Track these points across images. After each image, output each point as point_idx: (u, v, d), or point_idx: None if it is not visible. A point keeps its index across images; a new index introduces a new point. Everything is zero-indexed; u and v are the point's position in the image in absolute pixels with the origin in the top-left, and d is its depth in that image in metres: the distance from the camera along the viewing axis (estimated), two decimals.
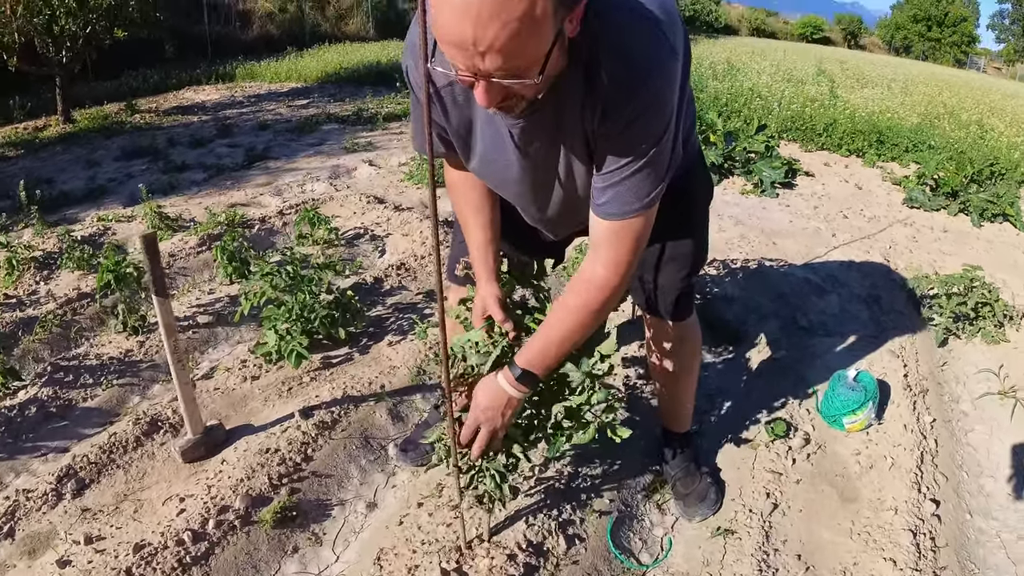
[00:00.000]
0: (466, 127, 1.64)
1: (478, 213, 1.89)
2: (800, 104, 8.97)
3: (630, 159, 1.47)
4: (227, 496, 2.49)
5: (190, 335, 3.68)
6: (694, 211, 2.10)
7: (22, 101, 12.44)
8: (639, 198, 1.51)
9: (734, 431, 2.82)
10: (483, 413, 1.77)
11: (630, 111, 1.40)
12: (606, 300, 1.63)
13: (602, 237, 1.58)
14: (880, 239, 5.04)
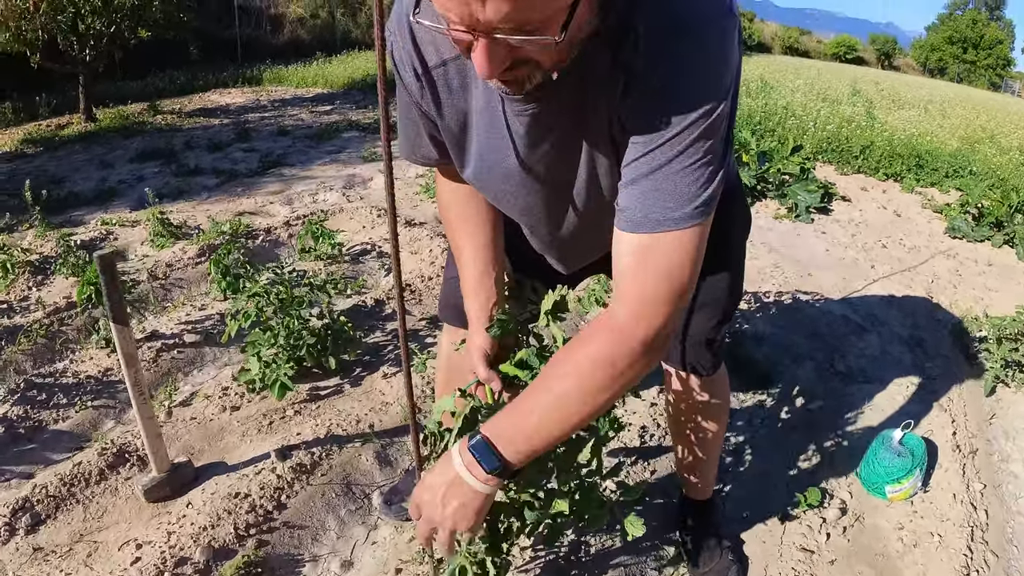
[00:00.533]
0: (460, 121, 1.28)
1: (473, 237, 1.51)
2: (836, 125, 8.63)
3: (666, 140, 1.04)
4: (187, 546, 2.23)
5: (175, 354, 3.44)
6: (730, 246, 1.68)
7: (48, 98, 12.44)
8: (680, 202, 1.05)
9: (761, 495, 2.50)
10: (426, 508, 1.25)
11: (667, 69, 1.02)
12: (627, 361, 1.12)
13: (625, 263, 1.12)
14: (921, 272, 4.71)
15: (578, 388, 1.14)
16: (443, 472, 1.22)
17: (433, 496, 1.22)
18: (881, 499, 2.45)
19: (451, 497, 1.20)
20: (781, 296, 4.07)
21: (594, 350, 1.14)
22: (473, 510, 1.20)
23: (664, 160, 1.05)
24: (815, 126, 8.47)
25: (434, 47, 1.19)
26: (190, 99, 13.28)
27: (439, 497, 1.21)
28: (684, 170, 1.05)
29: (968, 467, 2.62)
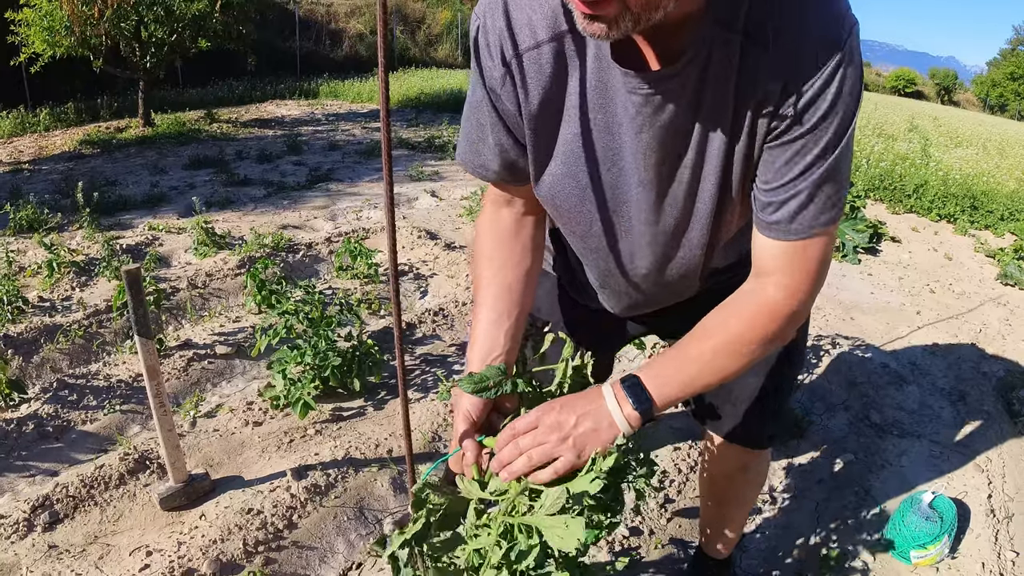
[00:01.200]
0: (551, 108, 1.18)
1: (496, 276, 1.36)
2: (890, 162, 8.45)
3: (819, 160, 1.06)
4: (196, 558, 2.24)
5: (205, 365, 3.48)
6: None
7: (109, 101, 12.79)
8: (827, 208, 1.10)
9: (780, 551, 2.41)
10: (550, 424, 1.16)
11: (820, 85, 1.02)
12: (777, 329, 1.18)
13: (774, 261, 1.16)
14: (970, 320, 4.55)
15: (732, 347, 1.18)
16: (586, 398, 1.19)
17: (568, 414, 1.16)
18: (905, 564, 2.34)
19: (587, 418, 1.16)
20: (820, 340, 3.97)
21: (748, 316, 1.18)
22: (602, 439, 1.16)
23: (818, 178, 1.08)
24: (868, 163, 8.30)
25: (530, 28, 1.12)
26: (247, 109, 13.55)
27: (576, 415, 1.16)
28: (834, 182, 1.09)
29: (1002, 533, 2.50)
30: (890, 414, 3.24)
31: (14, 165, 8.59)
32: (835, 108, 1.03)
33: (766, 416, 1.66)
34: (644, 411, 1.16)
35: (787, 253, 1.14)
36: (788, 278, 1.16)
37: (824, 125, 1.04)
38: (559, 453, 1.15)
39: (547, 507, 1.14)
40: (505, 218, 1.39)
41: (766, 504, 2.64)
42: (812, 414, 3.19)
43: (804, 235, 1.12)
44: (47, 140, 10.40)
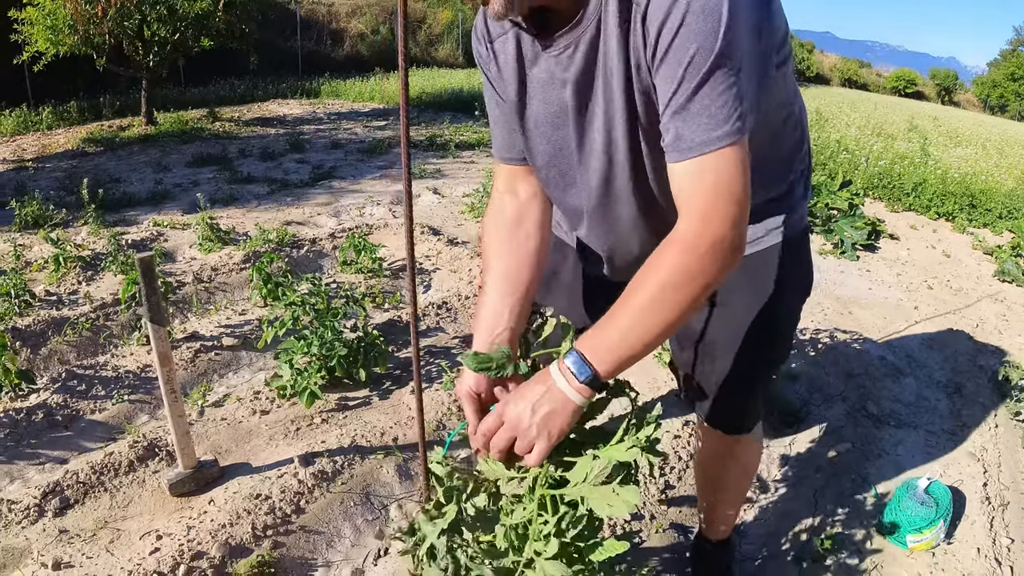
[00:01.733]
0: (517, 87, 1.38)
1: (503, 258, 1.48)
2: (889, 161, 8.50)
3: (689, 71, 1.12)
4: (205, 541, 2.28)
5: (212, 356, 3.52)
6: (775, 308, 1.60)
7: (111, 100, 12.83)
8: (716, 122, 1.12)
9: (779, 535, 2.46)
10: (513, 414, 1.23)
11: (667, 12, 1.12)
12: (698, 265, 1.16)
13: (683, 188, 1.18)
14: (967, 315, 4.60)
15: (657, 297, 1.17)
16: (539, 381, 1.24)
17: (525, 404, 1.22)
18: (902, 548, 2.39)
19: (543, 403, 1.21)
20: (819, 334, 4.02)
21: (668, 261, 1.18)
22: (563, 417, 1.21)
23: (693, 88, 1.12)
24: (867, 162, 8.35)
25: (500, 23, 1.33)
26: (249, 108, 13.59)
27: (531, 404, 1.22)
28: (712, 95, 1.12)
29: (997, 520, 2.55)
30: (887, 405, 3.29)
31: (18, 163, 8.65)
32: (686, 23, 1.11)
33: (742, 404, 1.72)
34: (589, 381, 1.20)
35: (687, 175, 1.17)
36: (696, 202, 1.17)
37: (680, 42, 1.12)
38: (532, 442, 1.22)
39: (593, 477, 1.19)
40: (509, 205, 1.51)
41: (765, 491, 2.69)
42: (810, 404, 3.23)
43: (696, 152, 1.15)
44: (50, 138, 10.45)
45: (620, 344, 1.19)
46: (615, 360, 1.20)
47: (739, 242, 1.18)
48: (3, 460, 2.78)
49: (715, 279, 1.18)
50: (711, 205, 1.15)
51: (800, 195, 1.59)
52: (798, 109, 1.49)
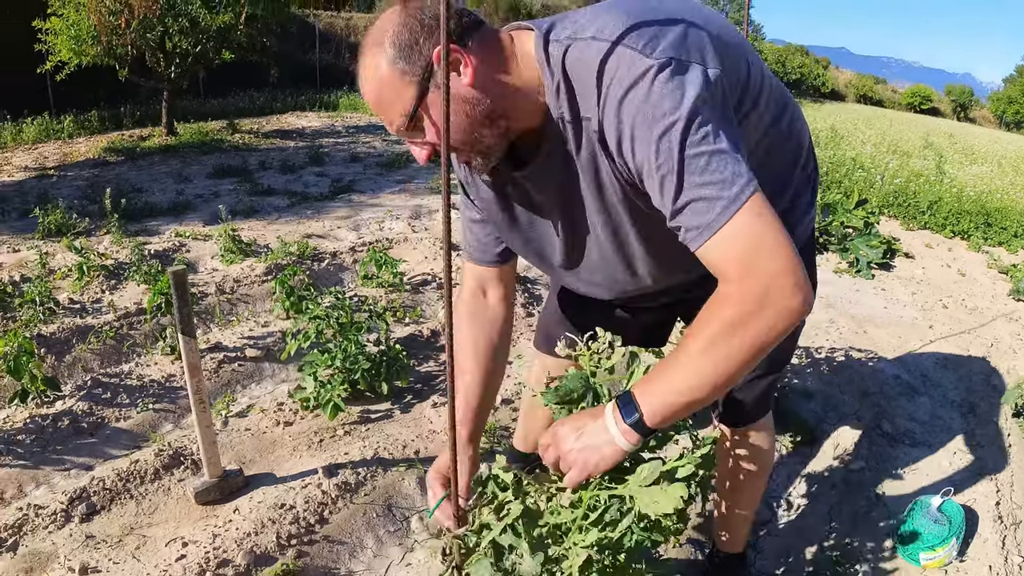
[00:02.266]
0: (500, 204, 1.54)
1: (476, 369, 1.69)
2: (904, 179, 8.51)
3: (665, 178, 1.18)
4: (230, 549, 2.33)
5: (236, 367, 3.58)
6: None
7: (132, 109, 12.97)
8: (713, 200, 1.16)
9: (793, 551, 2.49)
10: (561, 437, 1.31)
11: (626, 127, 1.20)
12: (746, 317, 1.16)
13: (714, 265, 1.20)
14: (981, 335, 4.61)
15: (705, 350, 1.19)
16: (593, 415, 1.30)
17: (573, 429, 1.30)
18: (915, 566, 2.42)
19: (588, 435, 1.27)
20: (834, 352, 4.04)
21: (716, 314, 1.19)
22: (602, 455, 1.25)
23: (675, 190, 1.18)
24: (883, 179, 8.36)
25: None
26: (268, 120, 13.72)
27: (577, 431, 1.29)
28: (698, 180, 1.16)
29: (1009, 539, 2.57)
30: (901, 424, 3.31)
31: (40, 171, 8.77)
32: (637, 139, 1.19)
33: (747, 398, 1.86)
34: (635, 425, 1.22)
35: (710, 257, 1.19)
36: (732, 268, 1.18)
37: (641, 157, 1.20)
38: (569, 465, 1.30)
39: (642, 478, 1.23)
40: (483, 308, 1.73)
41: (781, 508, 2.72)
42: (825, 423, 3.27)
43: (709, 233, 1.17)
44: (71, 147, 10.59)
45: (674, 390, 1.21)
46: (663, 407, 1.22)
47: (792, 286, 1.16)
48: (30, 465, 2.85)
49: (774, 330, 1.18)
50: (748, 264, 1.16)
51: (804, 206, 1.64)
52: (788, 121, 1.52)
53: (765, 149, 1.46)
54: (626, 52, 1.20)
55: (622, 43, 1.21)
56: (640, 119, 1.18)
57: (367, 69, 1.29)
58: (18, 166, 9.13)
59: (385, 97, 1.28)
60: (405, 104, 1.27)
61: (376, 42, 1.27)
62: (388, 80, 1.26)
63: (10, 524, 2.47)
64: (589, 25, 1.27)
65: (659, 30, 1.22)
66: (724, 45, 1.30)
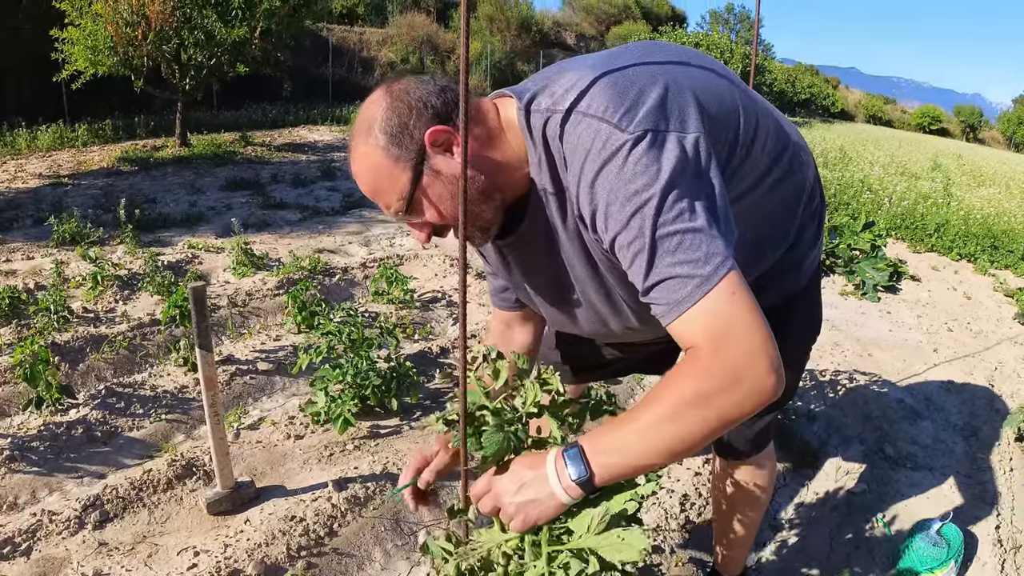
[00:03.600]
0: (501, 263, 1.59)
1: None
2: (912, 201, 8.55)
3: (636, 256, 1.19)
4: (241, 559, 2.38)
5: (247, 380, 3.64)
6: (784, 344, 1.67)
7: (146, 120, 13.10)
8: (690, 277, 1.15)
9: (794, 572, 2.52)
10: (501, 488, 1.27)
11: (600, 202, 1.21)
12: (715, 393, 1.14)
13: (686, 341, 1.19)
14: (986, 359, 4.63)
15: (667, 416, 1.16)
16: (533, 465, 1.25)
17: (513, 481, 1.25)
18: None
19: (528, 488, 1.23)
20: (838, 375, 4.08)
21: (683, 383, 1.17)
22: (543, 510, 1.22)
23: (646, 268, 1.18)
24: (890, 202, 8.40)
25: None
26: (280, 133, 13.84)
27: (518, 483, 1.24)
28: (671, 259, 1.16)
29: (1008, 563, 2.60)
30: (904, 447, 3.35)
31: (54, 179, 8.88)
32: (610, 216, 1.20)
33: (747, 435, 1.87)
34: (582, 482, 1.19)
35: (681, 333, 1.18)
36: (702, 348, 1.16)
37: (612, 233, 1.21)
38: (509, 517, 1.25)
39: (594, 526, 1.18)
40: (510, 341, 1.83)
41: (782, 529, 2.76)
42: (828, 445, 3.30)
43: (676, 313, 1.17)
44: (85, 155, 10.71)
45: (628, 451, 1.18)
46: (615, 468, 1.19)
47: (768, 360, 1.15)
48: (44, 472, 2.91)
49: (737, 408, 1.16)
50: (720, 340, 1.15)
51: (811, 239, 1.65)
52: (789, 159, 1.51)
53: (766, 188, 1.46)
54: (603, 127, 1.19)
55: (598, 117, 1.20)
56: (612, 196, 1.18)
57: (360, 159, 1.31)
58: (32, 173, 9.24)
59: (380, 184, 1.31)
60: (401, 189, 1.30)
61: (365, 130, 1.30)
62: (382, 167, 1.29)
63: (24, 529, 2.52)
64: (567, 94, 1.26)
65: (638, 97, 1.21)
66: (709, 100, 1.28)
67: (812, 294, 1.78)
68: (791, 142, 1.53)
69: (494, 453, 1.28)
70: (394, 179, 1.29)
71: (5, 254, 5.59)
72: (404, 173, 1.29)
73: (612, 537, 1.17)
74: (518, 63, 25.18)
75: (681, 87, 1.25)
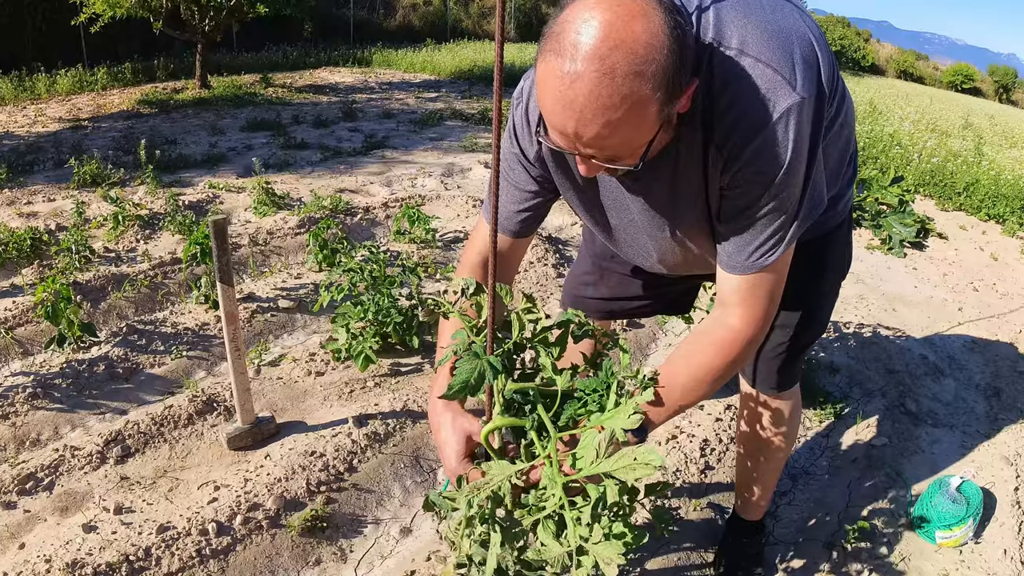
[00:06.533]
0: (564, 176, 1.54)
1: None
2: (942, 158, 8.37)
3: (752, 206, 1.32)
4: (261, 494, 2.41)
5: (268, 317, 3.65)
6: (819, 282, 1.83)
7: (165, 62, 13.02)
8: (768, 249, 1.36)
9: (810, 525, 2.52)
10: None
11: (745, 159, 1.26)
12: (739, 355, 1.42)
13: (732, 294, 1.42)
14: (1010, 320, 4.57)
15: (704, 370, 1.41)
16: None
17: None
18: (930, 544, 2.44)
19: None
20: (862, 329, 4.04)
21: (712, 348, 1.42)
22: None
23: (751, 221, 1.34)
24: (920, 158, 8.23)
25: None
26: (301, 75, 13.72)
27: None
28: (768, 227, 1.33)
29: None
30: (925, 404, 3.32)
31: (74, 122, 8.86)
32: (760, 171, 1.26)
33: (785, 367, 1.91)
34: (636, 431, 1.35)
35: (743, 287, 1.40)
36: (746, 309, 1.41)
37: (754, 183, 1.29)
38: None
39: (603, 451, 1.21)
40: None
41: (802, 479, 2.75)
42: (850, 398, 3.27)
43: (754, 270, 1.37)
44: (104, 99, 10.67)
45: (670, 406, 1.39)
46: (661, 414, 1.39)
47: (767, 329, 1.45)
48: (66, 409, 2.94)
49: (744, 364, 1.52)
50: (760, 311, 1.41)
51: (848, 180, 1.72)
52: (846, 112, 1.53)
53: (833, 134, 1.49)
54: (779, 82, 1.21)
55: (767, 64, 1.21)
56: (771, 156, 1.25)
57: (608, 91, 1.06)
58: (52, 117, 9.22)
59: (623, 133, 1.12)
60: (640, 144, 1.16)
61: (637, 71, 1.05)
62: (641, 118, 1.10)
63: (47, 464, 2.56)
64: (732, 32, 1.22)
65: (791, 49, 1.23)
66: (824, 50, 1.31)
67: (845, 233, 1.86)
68: (847, 92, 1.54)
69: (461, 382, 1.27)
70: (643, 132, 1.14)
71: (27, 196, 5.59)
72: (653, 128, 1.14)
73: (625, 458, 1.19)
74: (542, 6, 24.71)
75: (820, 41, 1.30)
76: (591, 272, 2.15)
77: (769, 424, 1.99)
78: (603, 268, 2.11)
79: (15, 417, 2.83)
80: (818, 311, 1.89)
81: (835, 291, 1.94)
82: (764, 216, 1.32)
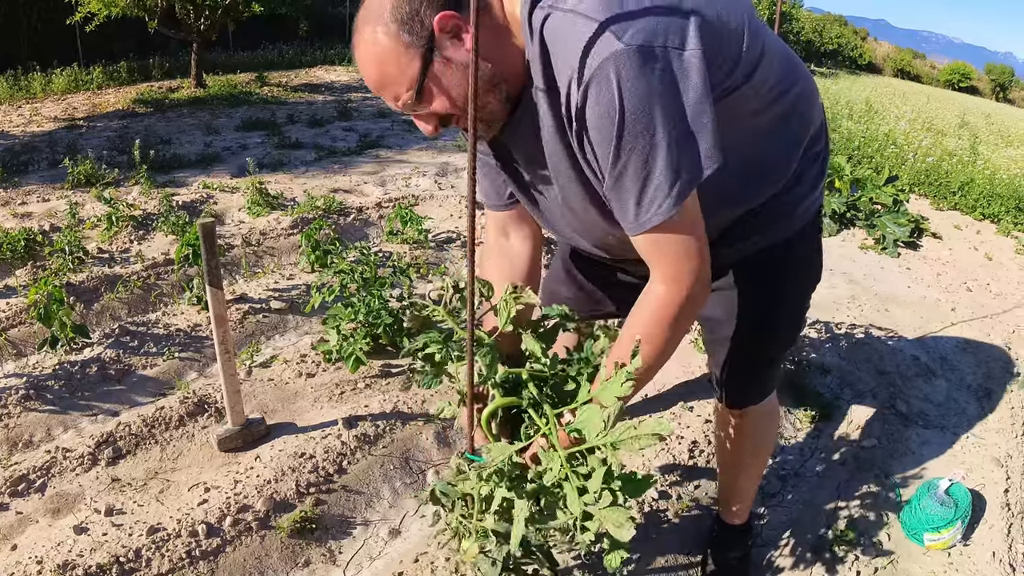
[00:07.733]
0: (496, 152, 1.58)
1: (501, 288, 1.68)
2: (937, 157, 8.37)
3: (614, 168, 1.27)
4: (251, 495, 2.41)
5: (260, 318, 3.65)
6: (778, 293, 1.73)
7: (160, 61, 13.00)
8: (650, 206, 1.28)
9: (798, 527, 2.52)
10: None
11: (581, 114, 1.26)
12: (675, 315, 1.38)
13: (644, 257, 1.39)
14: (1003, 321, 4.57)
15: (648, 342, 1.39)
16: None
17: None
18: (919, 546, 2.45)
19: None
20: (854, 329, 4.04)
21: (648, 310, 1.41)
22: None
23: (619, 180, 1.28)
24: (915, 157, 8.24)
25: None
26: (296, 74, 13.72)
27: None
28: (638, 183, 1.27)
29: (1015, 527, 2.58)
30: (916, 405, 3.32)
31: (69, 121, 8.85)
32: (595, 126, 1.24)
33: (748, 382, 1.87)
34: None
35: (645, 247, 1.36)
36: (660, 270, 1.37)
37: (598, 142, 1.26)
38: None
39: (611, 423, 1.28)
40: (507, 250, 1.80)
41: (791, 480, 2.76)
42: (840, 399, 3.28)
43: (646, 228, 1.31)
44: (100, 98, 10.66)
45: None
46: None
47: (706, 281, 1.39)
48: (58, 410, 2.94)
49: (689, 323, 1.44)
50: (674, 269, 1.35)
51: (810, 182, 1.63)
52: (792, 101, 1.50)
53: (769, 121, 1.46)
54: (604, 35, 1.19)
55: (599, 22, 1.19)
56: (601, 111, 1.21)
57: (367, 47, 1.28)
58: (48, 116, 9.21)
59: (389, 73, 1.28)
60: (411, 77, 1.28)
61: (374, 18, 1.26)
62: (392, 55, 1.26)
63: (39, 466, 2.56)
64: None
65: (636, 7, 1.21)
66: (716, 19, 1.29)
67: (810, 239, 1.76)
68: (801, 84, 1.51)
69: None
70: (404, 67, 1.27)
71: (21, 196, 5.59)
72: (415, 60, 1.27)
73: (628, 430, 1.25)
74: None
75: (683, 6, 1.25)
76: (560, 269, 2.12)
77: (741, 438, 1.99)
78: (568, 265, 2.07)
79: (8, 419, 2.84)
80: (780, 322, 1.81)
81: (802, 301, 1.85)
82: (629, 174, 1.26)
